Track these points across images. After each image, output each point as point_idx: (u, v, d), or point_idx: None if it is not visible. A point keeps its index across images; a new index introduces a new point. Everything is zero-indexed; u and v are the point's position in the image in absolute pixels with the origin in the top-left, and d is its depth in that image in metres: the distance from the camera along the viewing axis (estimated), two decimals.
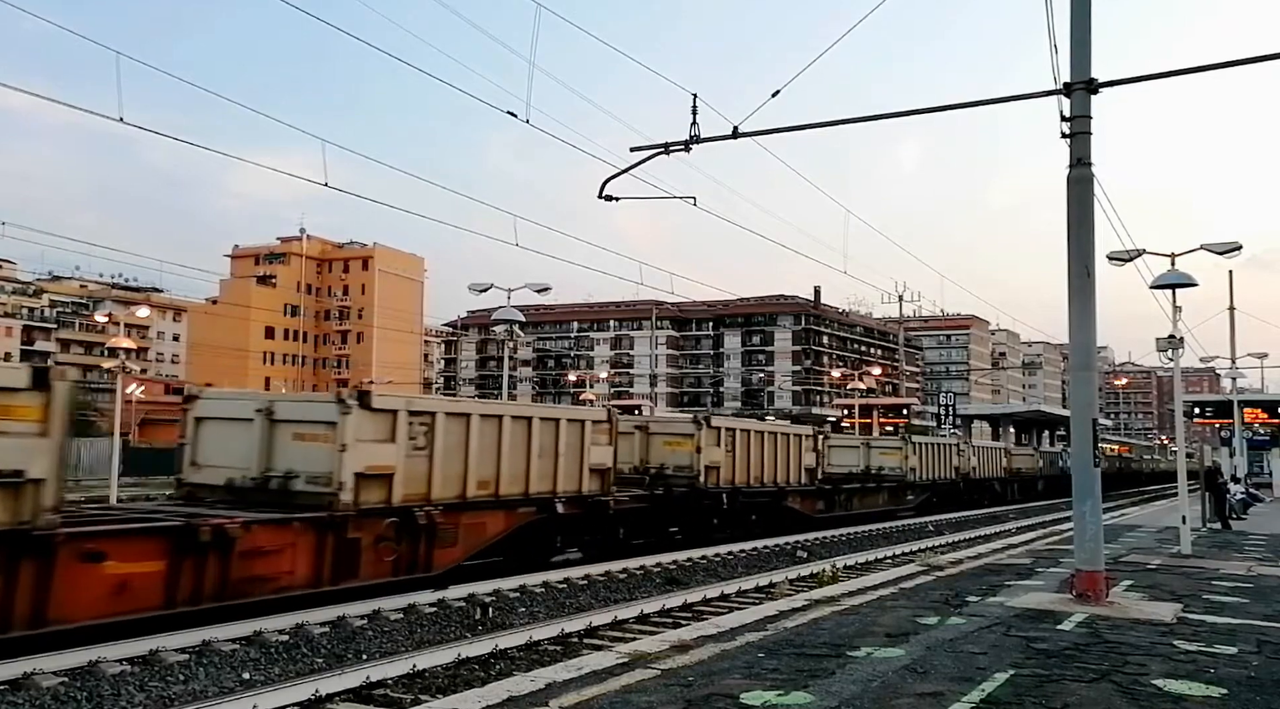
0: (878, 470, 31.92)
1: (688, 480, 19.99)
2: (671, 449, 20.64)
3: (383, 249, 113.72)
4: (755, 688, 6.47)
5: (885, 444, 33.83)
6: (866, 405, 66.10)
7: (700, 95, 12.82)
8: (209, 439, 13.01)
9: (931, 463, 34.77)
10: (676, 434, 20.89)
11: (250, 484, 12.23)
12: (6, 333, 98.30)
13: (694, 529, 20.11)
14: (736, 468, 21.66)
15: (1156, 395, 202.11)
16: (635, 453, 20.64)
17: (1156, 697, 6.49)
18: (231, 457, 12.54)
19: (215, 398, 13.93)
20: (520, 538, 14.65)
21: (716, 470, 20.78)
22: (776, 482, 23.46)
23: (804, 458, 25.01)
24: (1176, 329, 18.31)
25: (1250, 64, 10.49)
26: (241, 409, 12.83)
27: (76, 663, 8.33)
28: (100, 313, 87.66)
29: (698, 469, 20.15)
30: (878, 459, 32.40)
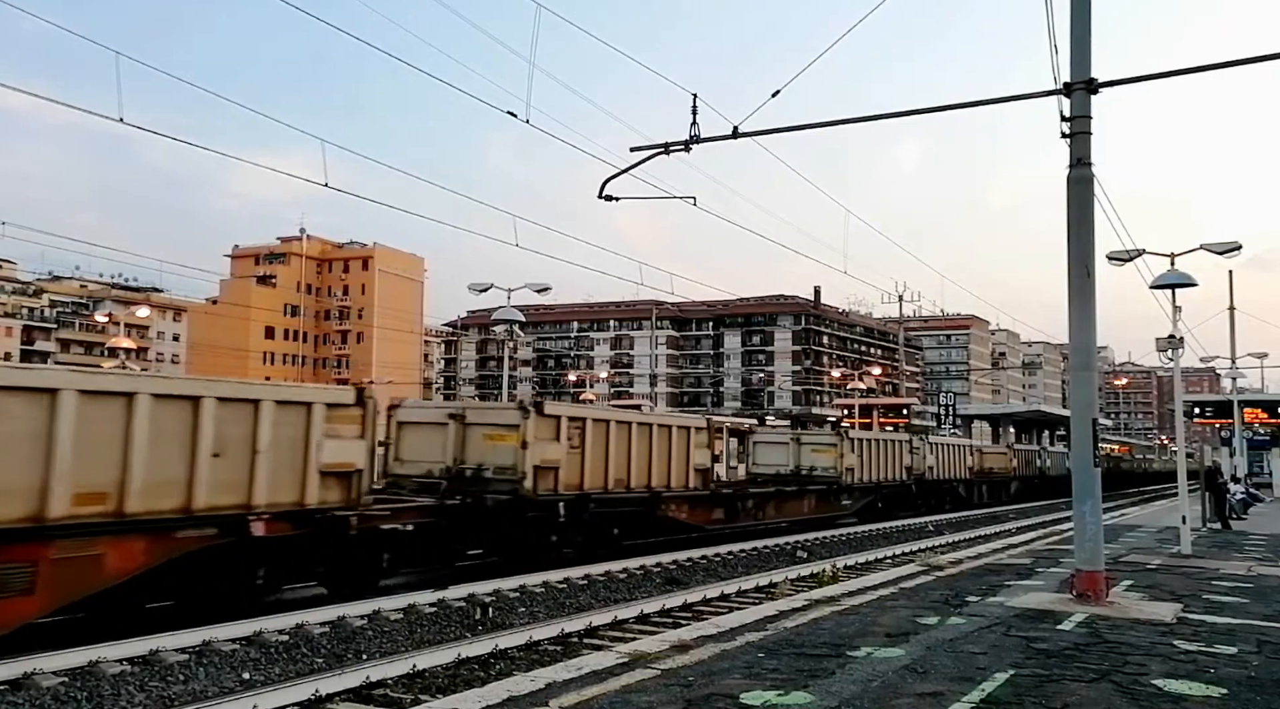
0: (809, 470, 27.38)
1: (510, 484, 15.47)
2: (493, 445, 15.95)
3: (383, 249, 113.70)
4: (755, 688, 6.47)
5: (818, 440, 28.94)
6: (866, 405, 66.07)
7: (700, 95, 12.83)
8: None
9: (875, 462, 29.99)
10: (498, 425, 16.05)
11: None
12: (6, 333, 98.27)
13: (519, 549, 15.48)
14: (588, 468, 16.84)
15: (1156, 395, 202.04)
16: (449, 450, 16.16)
17: (1156, 697, 6.49)
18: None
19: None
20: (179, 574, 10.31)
21: (554, 472, 16.05)
22: (650, 485, 18.55)
23: (693, 456, 20.07)
24: (1176, 329, 18.31)
25: (1250, 64, 10.49)
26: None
27: (77, 663, 8.33)
28: (100, 313, 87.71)
29: (523, 470, 15.44)
30: (809, 458, 27.61)
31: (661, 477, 18.98)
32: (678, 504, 19.71)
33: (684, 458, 19.80)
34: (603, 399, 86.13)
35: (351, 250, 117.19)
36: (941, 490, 36.76)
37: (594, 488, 16.99)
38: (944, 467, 37.23)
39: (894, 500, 31.50)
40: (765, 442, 29.45)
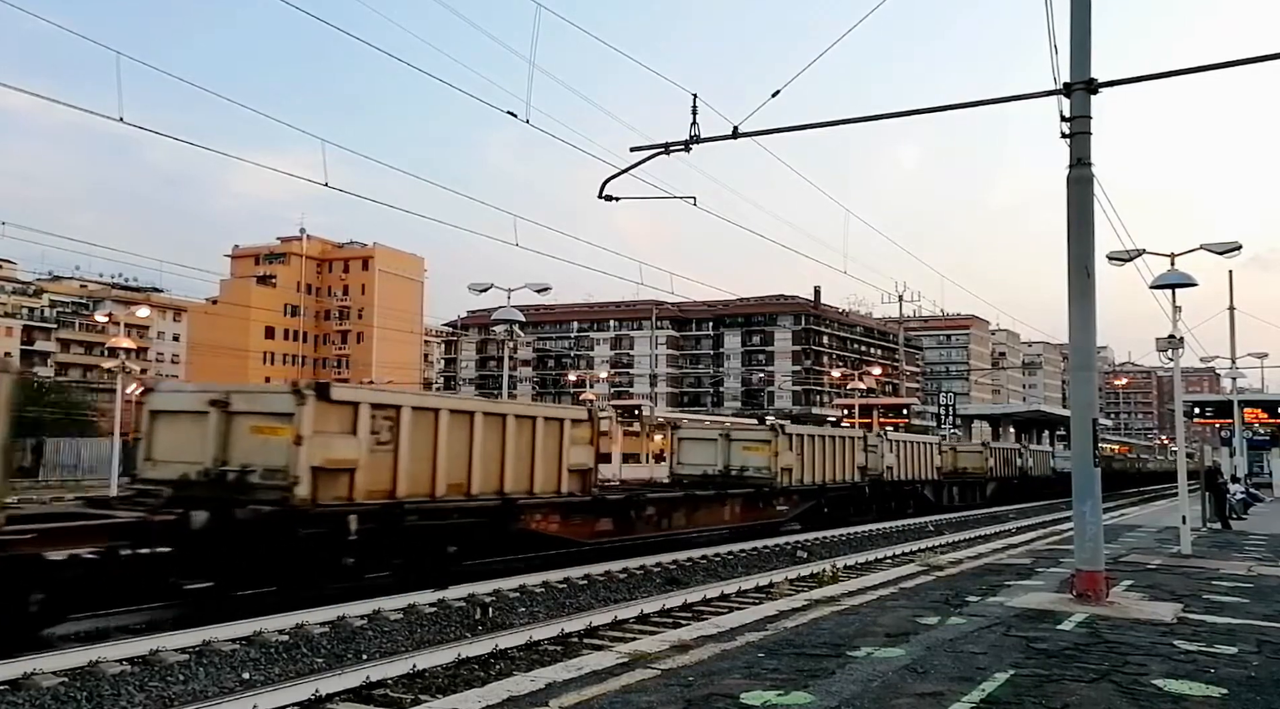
0: (739, 471, 23.68)
1: (278, 492, 11.72)
2: (262, 440, 12.13)
3: (383, 249, 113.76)
4: (755, 688, 6.47)
5: (749, 437, 24.84)
6: (866, 405, 66.08)
7: (700, 95, 12.83)
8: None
9: (820, 461, 26.22)
10: (267, 414, 12.25)
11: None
12: (6, 333, 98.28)
13: (289, 576, 11.80)
14: (404, 471, 13.19)
15: (1156, 395, 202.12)
16: (208, 447, 12.36)
17: (1157, 697, 6.49)
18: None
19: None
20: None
21: (347, 475, 12.34)
22: (504, 491, 15.08)
23: (568, 454, 16.55)
24: (1176, 329, 18.31)
25: (1250, 64, 10.49)
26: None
27: (76, 663, 8.33)
28: (100, 313, 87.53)
29: (296, 473, 11.68)
30: (739, 456, 23.90)
31: (520, 480, 15.51)
32: (545, 514, 16.19)
33: (554, 457, 16.33)
34: (603, 399, 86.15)
35: (351, 250, 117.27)
36: (903, 493, 32.82)
37: (414, 495, 13.40)
38: (907, 466, 33.29)
39: (845, 504, 27.78)
40: (691, 438, 25.58)
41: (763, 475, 23.67)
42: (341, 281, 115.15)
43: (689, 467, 24.46)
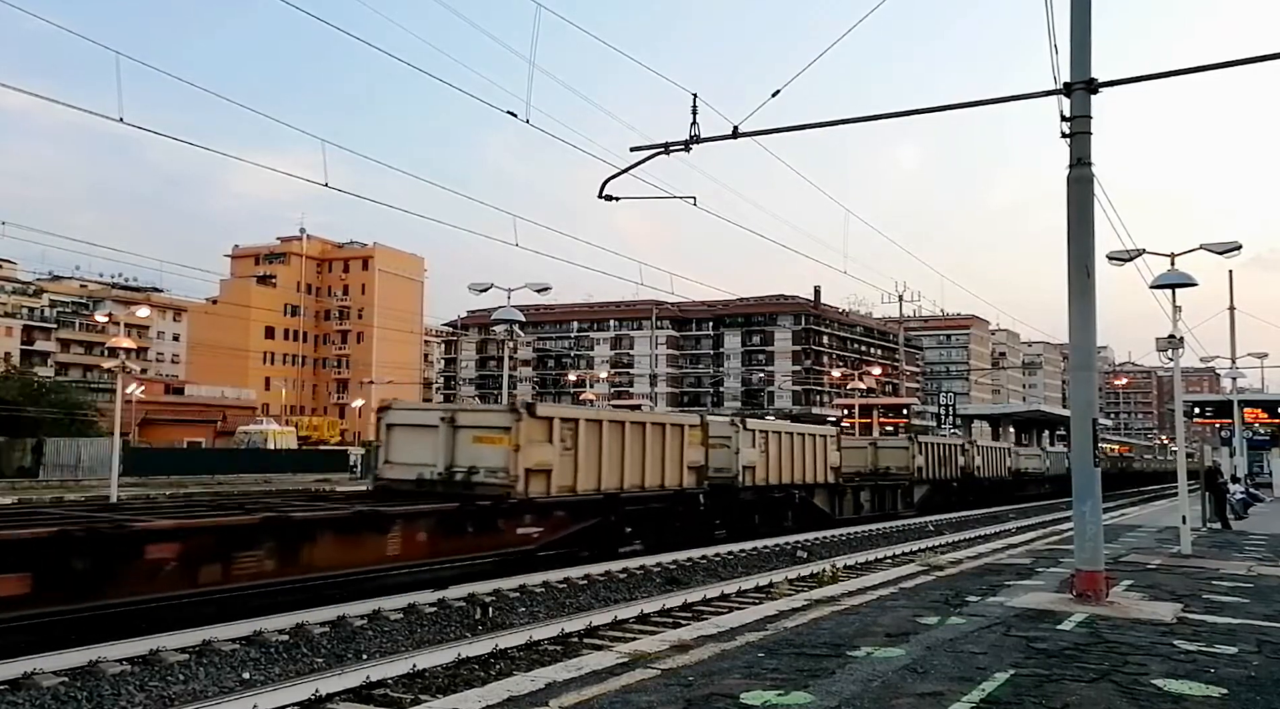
0: (467, 473, 15.35)
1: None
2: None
3: (383, 249, 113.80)
4: (755, 688, 6.47)
5: (486, 422, 16.04)
6: (866, 405, 66.10)
7: (700, 95, 12.84)
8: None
9: (612, 459, 17.13)
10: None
11: None
12: (6, 333, 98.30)
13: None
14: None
15: (1156, 395, 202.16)
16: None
17: (1157, 696, 6.49)
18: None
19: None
20: None
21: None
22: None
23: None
24: (1176, 329, 18.31)
25: (1250, 64, 10.49)
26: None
27: (76, 662, 8.34)
28: (100, 313, 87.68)
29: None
30: (469, 453, 15.56)
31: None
32: None
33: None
34: (603, 399, 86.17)
35: (351, 250, 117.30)
36: (773, 502, 23.97)
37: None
38: (781, 466, 24.21)
39: (663, 521, 18.73)
40: (405, 424, 16.64)
41: (498, 481, 14.96)
42: (341, 281, 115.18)
43: (400, 467, 16.15)
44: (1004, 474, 46.03)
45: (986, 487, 42.51)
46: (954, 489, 38.39)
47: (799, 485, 25.17)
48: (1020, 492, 48.16)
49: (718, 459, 21.31)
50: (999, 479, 44.91)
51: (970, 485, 40.29)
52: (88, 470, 48.94)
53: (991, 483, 43.43)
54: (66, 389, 68.53)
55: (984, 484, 42.14)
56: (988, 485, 42.65)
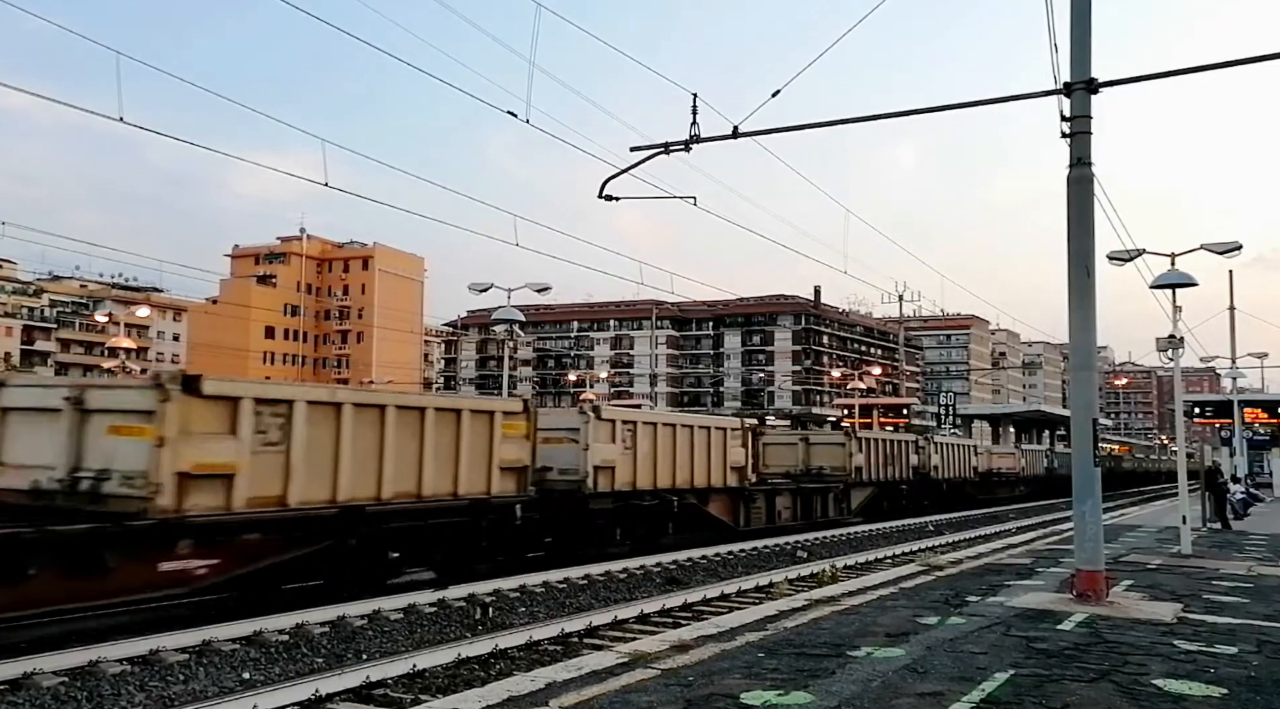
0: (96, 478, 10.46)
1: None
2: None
3: (383, 249, 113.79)
4: (755, 688, 6.47)
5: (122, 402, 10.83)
6: (866, 405, 66.10)
7: (700, 95, 12.82)
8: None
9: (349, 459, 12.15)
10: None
11: None
12: (6, 333, 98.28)
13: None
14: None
15: (1156, 395, 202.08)
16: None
17: (1157, 696, 6.49)
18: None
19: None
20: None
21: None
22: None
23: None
24: (1176, 329, 18.32)
25: (1250, 64, 10.49)
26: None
27: (76, 663, 8.33)
28: (100, 313, 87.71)
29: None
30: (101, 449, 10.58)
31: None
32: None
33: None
34: (603, 399, 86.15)
35: (351, 250, 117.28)
36: (638, 513, 18.73)
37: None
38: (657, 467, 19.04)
39: (464, 541, 14.09)
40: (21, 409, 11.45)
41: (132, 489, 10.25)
42: (341, 281, 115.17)
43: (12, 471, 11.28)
44: (968, 475, 40.86)
45: (946, 490, 37.19)
46: (904, 492, 33.01)
47: (685, 490, 19.92)
48: (988, 494, 43.24)
49: (557, 457, 16.84)
50: (962, 481, 39.88)
51: (925, 488, 35.05)
52: None
53: (952, 485, 38.20)
54: None
55: (942, 487, 36.87)
56: (947, 488, 37.40)
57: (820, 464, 28.79)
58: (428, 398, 18.69)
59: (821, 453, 29.14)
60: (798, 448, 29.29)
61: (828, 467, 28.76)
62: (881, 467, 31.24)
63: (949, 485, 37.60)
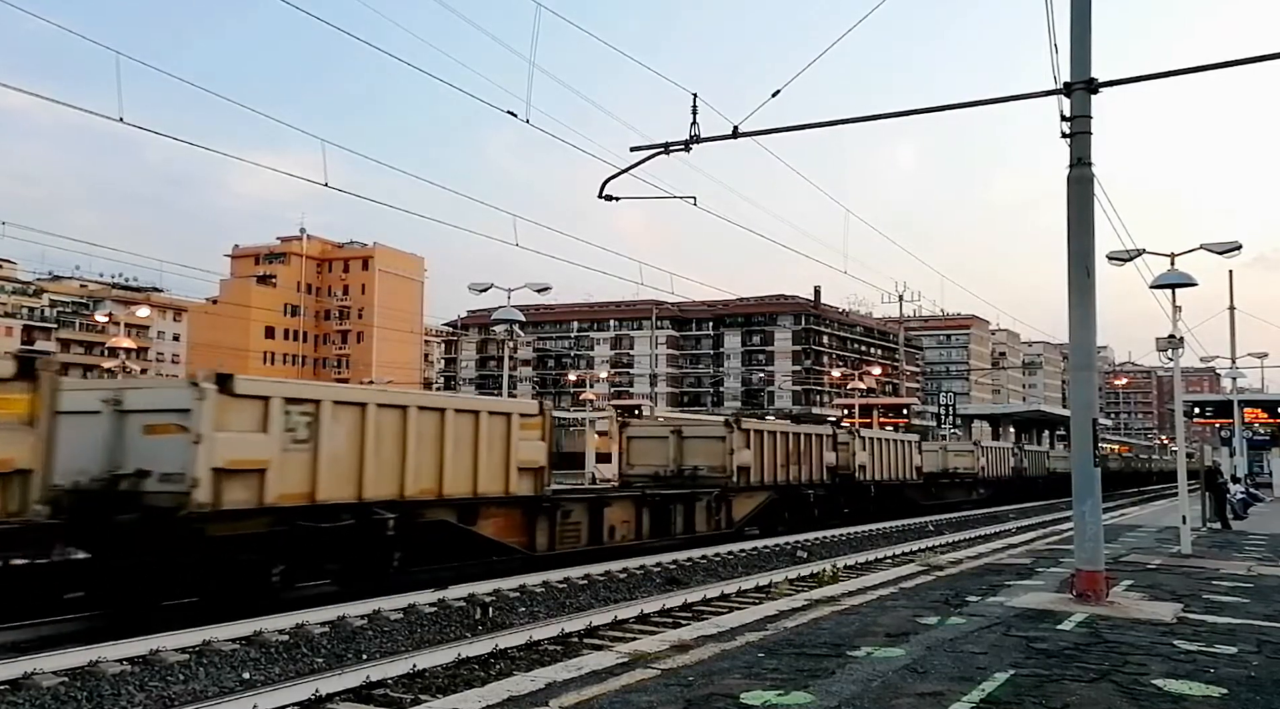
0: None
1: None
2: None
3: (383, 249, 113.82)
4: (755, 688, 6.47)
5: None
6: (866, 405, 66.08)
7: (700, 95, 12.82)
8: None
9: None
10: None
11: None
12: (6, 333, 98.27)
13: None
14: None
15: (1156, 395, 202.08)
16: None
17: (1157, 696, 6.49)
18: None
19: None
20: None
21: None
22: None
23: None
24: (1176, 329, 18.31)
25: (1250, 64, 10.49)
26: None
27: (76, 663, 8.33)
28: (100, 313, 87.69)
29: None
30: None
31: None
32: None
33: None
34: (603, 399, 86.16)
35: (351, 250, 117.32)
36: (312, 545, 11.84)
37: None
38: (364, 471, 12.63)
39: None
40: None
41: None
42: (341, 281, 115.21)
43: None
44: (908, 477, 33.77)
45: (875, 494, 30.40)
46: (814, 499, 26.02)
47: (428, 502, 13.73)
48: (936, 499, 36.98)
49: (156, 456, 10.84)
50: (899, 483, 32.79)
51: (846, 493, 28.29)
52: None
53: (886, 488, 31.27)
54: None
55: (869, 491, 29.93)
56: (878, 492, 30.50)
57: (696, 463, 22.43)
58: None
59: (698, 449, 22.69)
60: (668, 443, 22.86)
61: (705, 466, 22.33)
62: (780, 466, 24.49)
63: (881, 489, 30.82)
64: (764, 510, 23.62)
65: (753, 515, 23.11)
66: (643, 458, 23.10)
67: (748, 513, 22.88)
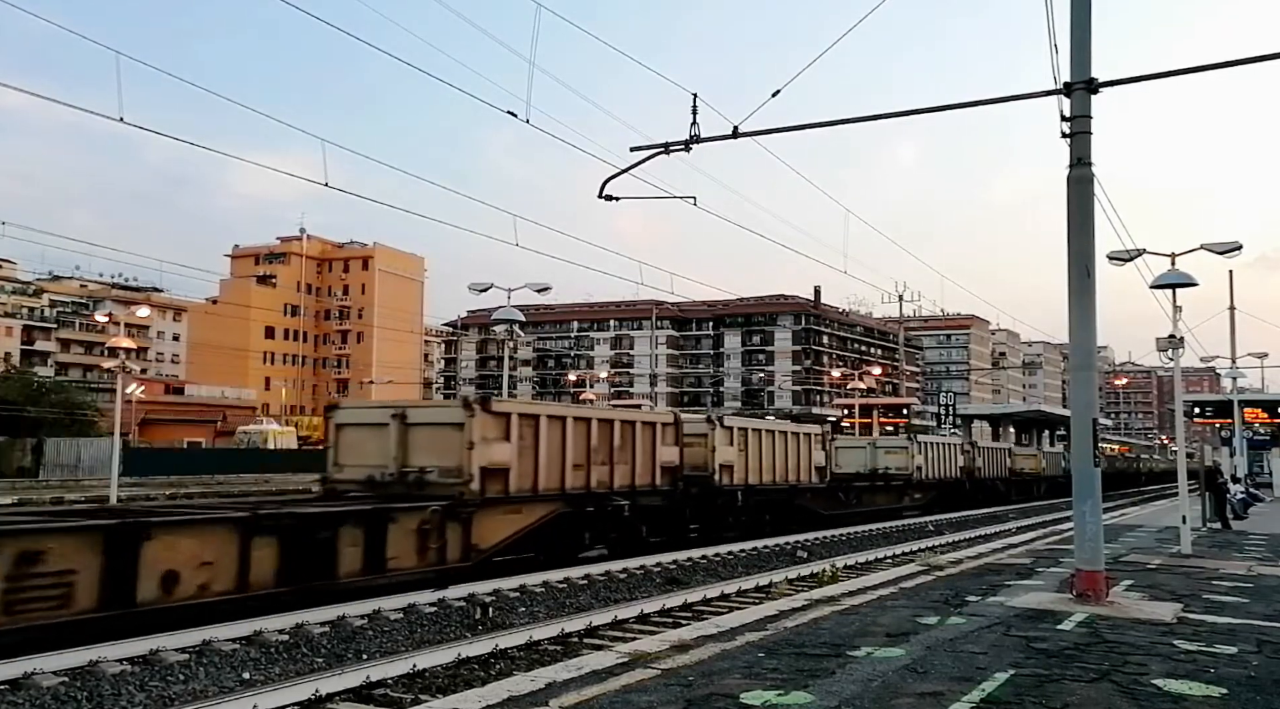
0: None
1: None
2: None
3: (383, 249, 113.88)
4: (755, 687, 6.47)
5: None
6: (866, 405, 66.10)
7: (700, 95, 12.83)
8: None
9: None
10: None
11: None
12: (6, 333, 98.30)
13: None
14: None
15: (1156, 395, 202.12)
16: None
17: (1157, 696, 6.49)
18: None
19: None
20: None
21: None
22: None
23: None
24: (1176, 329, 18.30)
25: (1250, 64, 10.49)
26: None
27: (76, 663, 8.33)
28: (100, 313, 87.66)
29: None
30: None
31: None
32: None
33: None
34: (603, 399, 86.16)
35: (351, 250, 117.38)
36: None
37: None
38: None
39: None
40: None
41: None
42: (341, 281, 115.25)
43: None
44: (803, 479, 25.67)
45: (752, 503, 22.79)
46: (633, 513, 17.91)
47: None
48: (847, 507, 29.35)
49: None
50: (788, 489, 24.77)
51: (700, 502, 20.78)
52: (87, 470, 48.92)
53: (767, 495, 23.55)
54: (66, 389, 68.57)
55: (736, 499, 22.13)
56: (753, 501, 22.83)
57: (424, 462, 14.92)
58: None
59: (427, 442, 15.10)
60: (389, 434, 15.24)
61: (435, 466, 14.77)
62: (574, 467, 16.61)
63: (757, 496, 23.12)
64: (540, 531, 15.85)
65: (515, 538, 15.29)
66: (355, 456, 15.69)
67: (506, 536, 15.05)
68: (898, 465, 35.71)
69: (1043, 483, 52.08)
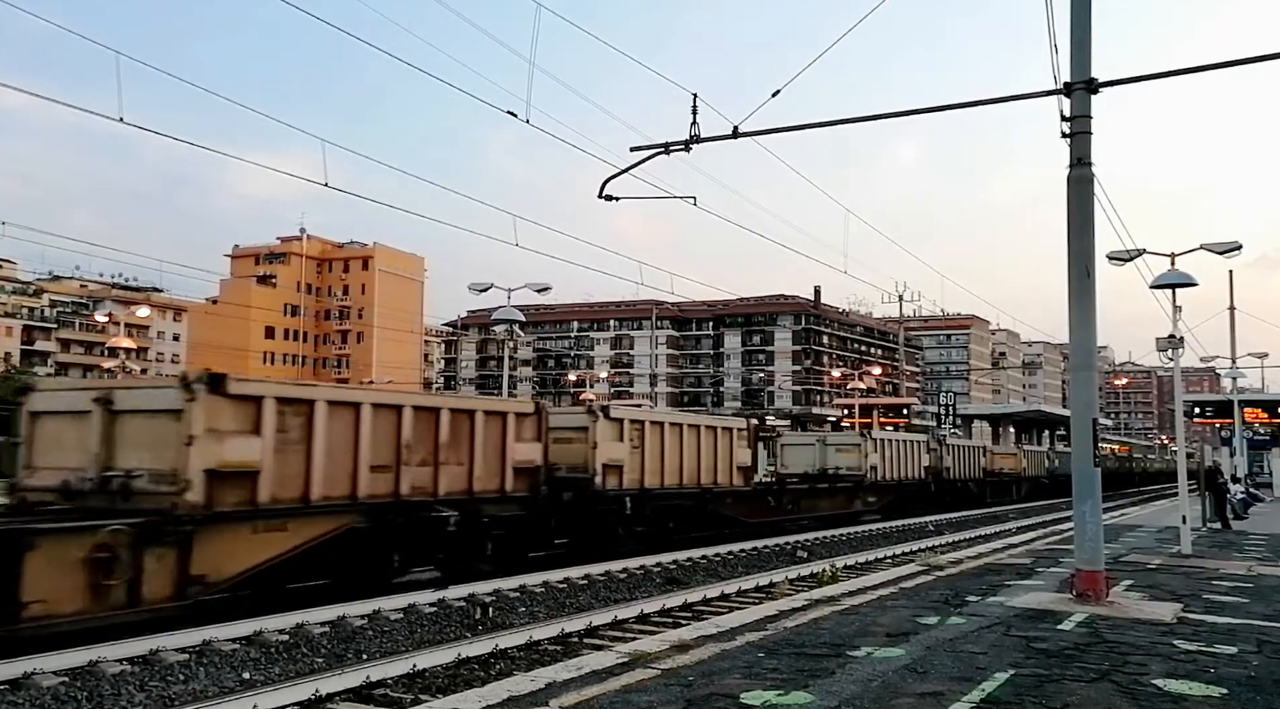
0: None
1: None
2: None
3: (383, 249, 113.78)
4: (755, 688, 6.47)
5: None
6: (866, 405, 66.09)
7: (700, 95, 12.82)
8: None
9: None
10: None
11: None
12: (7, 333, 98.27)
13: None
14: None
15: (1156, 395, 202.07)
16: None
17: (1156, 696, 6.49)
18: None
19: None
20: None
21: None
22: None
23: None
24: (1176, 329, 18.31)
25: (1250, 64, 10.48)
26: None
27: (76, 663, 8.33)
28: (100, 313, 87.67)
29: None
30: None
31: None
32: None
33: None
34: (603, 399, 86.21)
35: (351, 250, 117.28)
36: None
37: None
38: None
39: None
40: None
41: None
42: (341, 281, 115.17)
43: None
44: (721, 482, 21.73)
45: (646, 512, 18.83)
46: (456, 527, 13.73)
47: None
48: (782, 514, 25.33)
49: None
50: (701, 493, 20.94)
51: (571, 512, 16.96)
52: None
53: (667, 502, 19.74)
54: None
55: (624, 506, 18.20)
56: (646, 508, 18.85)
57: (133, 464, 11.09)
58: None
59: (138, 435, 11.24)
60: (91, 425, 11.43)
61: (148, 470, 10.92)
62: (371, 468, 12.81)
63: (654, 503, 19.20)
64: (321, 553, 12.14)
65: (275, 564, 11.53)
66: (51, 455, 11.76)
67: (257, 562, 11.29)
68: (849, 465, 31.03)
69: (1024, 484, 48.51)
